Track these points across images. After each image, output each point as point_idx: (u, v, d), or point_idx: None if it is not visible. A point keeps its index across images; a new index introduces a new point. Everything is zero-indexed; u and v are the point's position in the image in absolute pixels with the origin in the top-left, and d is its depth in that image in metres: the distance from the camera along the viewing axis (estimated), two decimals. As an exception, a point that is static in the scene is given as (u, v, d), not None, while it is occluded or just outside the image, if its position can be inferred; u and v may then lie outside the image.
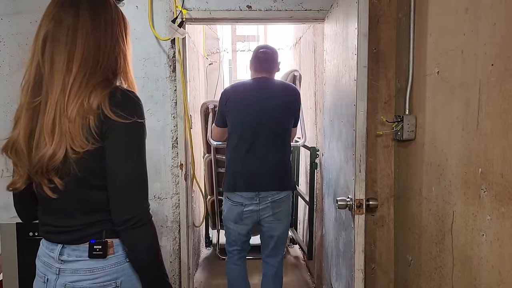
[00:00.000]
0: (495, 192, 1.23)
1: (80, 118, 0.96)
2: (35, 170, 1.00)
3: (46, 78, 0.99)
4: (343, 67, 1.94)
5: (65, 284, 1.05)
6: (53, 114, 0.97)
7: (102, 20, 1.03)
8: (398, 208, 2.09)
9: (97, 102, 0.97)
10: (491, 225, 1.25)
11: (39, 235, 1.16)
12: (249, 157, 2.25)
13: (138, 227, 1.02)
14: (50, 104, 0.97)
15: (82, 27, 1.00)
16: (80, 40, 1.00)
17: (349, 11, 1.82)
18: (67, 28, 1.00)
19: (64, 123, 0.96)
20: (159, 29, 2.33)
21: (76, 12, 1.01)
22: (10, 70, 2.35)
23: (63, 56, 0.98)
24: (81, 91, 0.97)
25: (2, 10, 2.33)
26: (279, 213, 2.30)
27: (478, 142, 1.32)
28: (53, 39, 1.00)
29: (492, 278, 1.25)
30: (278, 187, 2.26)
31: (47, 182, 1.01)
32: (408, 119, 1.83)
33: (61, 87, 0.97)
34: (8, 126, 2.55)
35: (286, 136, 2.31)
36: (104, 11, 1.05)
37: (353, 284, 1.77)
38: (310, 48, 3.29)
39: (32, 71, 1.01)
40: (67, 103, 0.96)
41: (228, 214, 2.35)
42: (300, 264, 3.71)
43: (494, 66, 1.24)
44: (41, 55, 1.00)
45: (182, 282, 2.45)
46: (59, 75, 0.98)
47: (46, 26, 1.03)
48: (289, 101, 2.32)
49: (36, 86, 1.01)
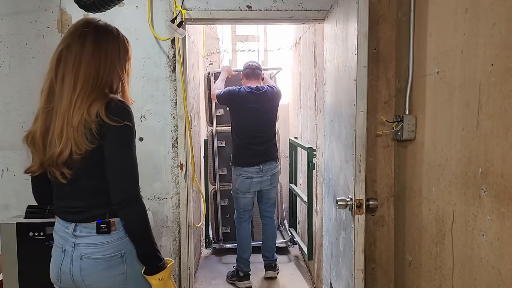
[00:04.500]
0: (495, 192, 1.23)
1: (82, 126, 1.25)
2: (48, 162, 1.30)
3: (57, 91, 1.29)
4: (343, 67, 1.94)
5: (81, 255, 1.33)
6: (61, 123, 1.27)
7: (102, 50, 1.32)
8: (398, 208, 2.09)
9: (95, 111, 1.25)
10: (491, 225, 1.25)
11: (54, 214, 1.47)
12: (255, 144, 3.22)
13: (130, 206, 1.31)
14: (59, 114, 1.27)
15: (85, 55, 1.30)
16: (83, 66, 1.29)
17: (349, 11, 1.82)
18: (75, 55, 1.29)
19: (70, 130, 1.25)
20: (159, 29, 2.33)
21: (83, 43, 1.30)
22: (10, 70, 2.35)
23: (70, 77, 1.28)
24: (83, 105, 1.26)
25: (2, 10, 2.33)
26: (274, 182, 3.35)
27: (478, 142, 1.32)
28: (65, 61, 1.30)
29: (492, 278, 1.25)
30: (272, 159, 3.33)
31: (58, 171, 1.30)
32: (408, 119, 1.83)
33: (68, 101, 1.27)
34: (9, 125, 2.55)
35: (274, 127, 3.39)
36: (105, 43, 1.33)
37: (353, 284, 1.77)
38: (310, 48, 3.29)
39: (47, 83, 1.32)
40: (72, 114, 1.26)
41: (240, 187, 3.26)
42: (300, 264, 3.71)
43: (494, 66, 1.24)
44: (54, 73, 1.30)
45: (182, 282, 2.45)
46: (66, 92, 1.28)
47: (61, 47, 1.32)
48: (277, 101, 3.38)
49: (50, 95, 1.32)
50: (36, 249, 2.00)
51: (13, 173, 2.39)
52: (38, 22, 2.34)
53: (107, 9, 1.97)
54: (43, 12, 2.33)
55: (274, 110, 3.34)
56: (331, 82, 2.24)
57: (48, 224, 2.00)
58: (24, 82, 2.35)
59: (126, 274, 1.36)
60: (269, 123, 3.31)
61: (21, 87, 2.36)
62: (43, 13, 2.33)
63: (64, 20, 2.34)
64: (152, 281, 1.36)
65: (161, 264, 1.37)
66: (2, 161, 2.39)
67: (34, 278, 2.01)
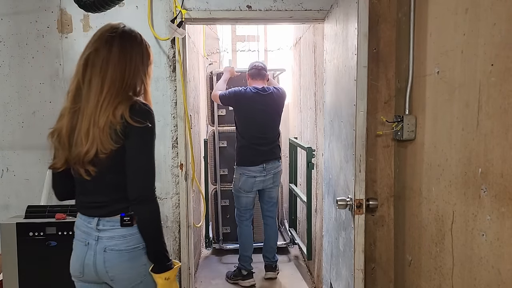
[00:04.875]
0: (495, 192, 1.23)
1: (107, 127, 1.32)
2: (74, 160, 1.37)
3: (84, 93, 1.36)
4: (343, 67, 1.94)
5: (105, 248, 1.39)
6: (88, 123, 1.33)
7: (127, 55, 1.39)
8: (398, 208, 2.09)
9: (120, 113, 1.32)
10: (491, 225, 1.25)
11: (76, 210, 1.50)
12: (260, 145, 3.24)
13: (145, 204, 1.37)
14: (86, 114, 1.34)
15: (112, 59, 1.37)
16: (110, 69, 1.36)
17: (349, 11, 1.82)
18: (102, 59, 1.36)
19: (96, 131, 1.32)
20: (159, 29, 2.33)
21: (110, 48, 1.37)
22: (10, 70, 2.35)
23: (97, 80, 1.35)
24: (109, 107, 1.33)
25: (2, 10, 2.33)
26: (276, 181, 3.37)
27: (478, 142, 1.32)
28: (92, 65, 1.37)
29: (492, 278, 1.25)
30: (275, 158, 3.36)
31: (83, 169, 1.36)
32: (408, 119, 1.83)
33: (95, 103, 1.33)
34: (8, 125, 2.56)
35: (278, 128, 3.40)
36: (130, 49, 1.41)
37: (353, 284, 1.77)
38: (310, 48, 3.29)
39: (74, 84, 1.38)
40: (99, 116, 1.32)
41: (243, 186, 3.26)
42: (300, 264, 3.71)
43: (494, 66, 1.24)
44: (82, 75, 1.37)
45: (182, 282, 2.45)
46: (94, 94, 1.34)
47: (89, 51, 1.39)
48: (282, 103, 3.38)
49: (76, 96, 1.38)
50: (36, 249, 2.00)
51: (13, 173, 2.39)
52: (38, 22, 2.34)
53: (107, 9, 1.97)
54: (43, 12, 2.33)
55: (279, 112, 3.35)
56: (331, 82, 2.24)
57: (48, 224, 2.00)
58: (23, 82, 2.35)
59: (146, 266, 1.42)
60: (273, 124, 3.32)
61: (20, 87, 2.36)
62: (43, 13, 2.33)
63: (64, 20, 2.34)
64: (158, 280, 1.40)
65: (168, 264, 1.42)
66: (1, 161, 2.39)
67: (34, 278, 2.01)
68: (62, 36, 2.35)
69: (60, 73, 2.36)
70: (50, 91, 2.36)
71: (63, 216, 2.02)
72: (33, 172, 2.38)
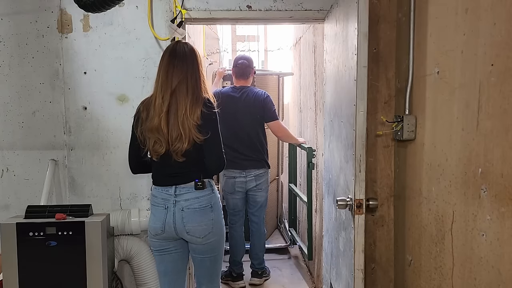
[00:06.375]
0: (495, 192, 1.23)
1: (195, 123, 1.79)
2: (175, 152, 1.81)
3: (175, 98, 1.81)
4: (343, 67, 1.94)
5: (182, 208, 1.86)
6: (182, 123, 1.78)
7: (195, 65, 1.87)
8: (398, 208, 2.09)
9: (200, 109, 1.81)
10: (491, 225, 1.25)
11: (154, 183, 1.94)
12: (234, 150, 3.09)
13: (221, 166, 1.92)
14: (180, 115, 1.79)
15: (188, 70, 1.84)
16: (189, 78, 1.83)
17: (349, 11, 1.82)
18: (181, 71, 1.83)
19: (191, 128, 1.79)
20: (159, 29, 2.33)
21: (185, 62, 1.85)
22: (10, 70, 2.35)
23: (183, 88, 1.82)
24: (194, 107, 1.80)
25: (2, 10, 2.33)
26: (260, 184, 3.21)
27: (478, 142, 1.32)
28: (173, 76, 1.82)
29: (492, 278, 1.25)
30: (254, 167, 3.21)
31: (177, 154, 1.81)
32: (408, 119, 1.83)
33: (184, 106, 1.79)
34: (8, 125, 2.55)
35: (258, 136, 3.20)
36: (196, 60, 1.88)
37: (353, 284, 1.77)
38: (310, 48, 3.29)
39: (162, 92, 1.82)
40: (189, 115, 1.78)
41: (225, 187, 3.22)
42: (300, 264, 3.71)
43: (494, 66, 1.24)
44: (167, 84, 1.82)
45: (182, 282, 2.45)
46: (182, 100, 1.80)
47: (167, 64, 1.85)
48: (258, 106, 3.15)
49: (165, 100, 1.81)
50: (36, 249, 2.00)
51: (13, 173, 2.39)
52: (38, 22, 2.34)
53: (107, 9, 1.97)
54: (43, 12, 2.33)
55: (256, 117, 3.13)
56: (331, 82, 2.24)
57: (48, 224, 2.00)
58: (23, 82, 2.35)
59: (213, 220, 1.89)
60: (248, 129, 3.13)
61: (20, 87, 2.36)
62: (43, 13, 2.33)
63: (64, 20, 2.34)
64: None
65: None
66: (1, 161, 2.38)
67: (34, 278, 2.01)
68: (62, 36, 2.35)
69: (60, 73, 2.36)
70: (50, 91, 2.36)
71: (63, 216, 2.02)
72: (33, 172, 2.38)
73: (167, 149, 1.81)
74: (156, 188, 1.91)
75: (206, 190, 1.87)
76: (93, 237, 2.01)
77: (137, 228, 2.34)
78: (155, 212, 1.89)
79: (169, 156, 1.82)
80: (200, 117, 1.79)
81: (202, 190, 1.86)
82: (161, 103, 1.80)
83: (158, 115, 1.80)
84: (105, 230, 2.07)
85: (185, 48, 1.88)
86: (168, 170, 1.87)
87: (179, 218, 1.84)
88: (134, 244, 2.34)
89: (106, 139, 2.39)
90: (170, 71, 1.82)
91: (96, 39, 2.34)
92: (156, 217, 1.88)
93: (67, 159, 2.40)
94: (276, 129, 3.22)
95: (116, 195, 2.41)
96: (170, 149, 1.81)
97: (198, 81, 1.85)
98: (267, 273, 3.43)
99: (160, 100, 1.81)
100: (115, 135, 2.38)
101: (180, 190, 1.85)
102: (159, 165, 1.89)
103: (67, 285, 2.03)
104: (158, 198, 1.89)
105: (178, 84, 1.81)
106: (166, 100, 1.80)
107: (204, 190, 1.86)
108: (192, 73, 1.83)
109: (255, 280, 3.34)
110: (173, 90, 1.81)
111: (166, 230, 1.87)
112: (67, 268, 2.03)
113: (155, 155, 1.85)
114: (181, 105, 1.79)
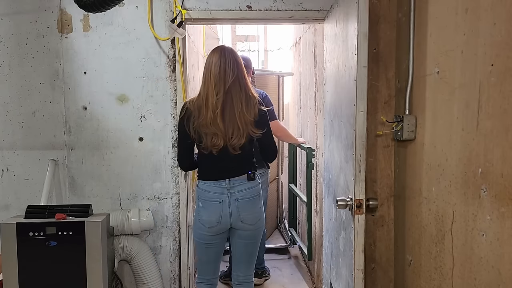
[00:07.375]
0: (495, 192, 1.23)
1: (252, 119, 1.95)
2: (232, 146, 1.95)
3: (230, 96, 1.93)
4: (343, 67, 1.94)
5: (236, 199, 2.00)
6: (239, 122, 1.93)
7: (241, 66, 1.98)
8: (398, 208, 2.09)
9: (257, 107, 1.98)
10: (491, 225, 1.25)
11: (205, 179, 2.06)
12: None
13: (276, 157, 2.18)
14: (236, 112, 1.93)
15: (238, 70, 1.96)
16: (240, 77, 1.96)
17: (349, 11, 1.82)
18: (233, 71, 1.94)
19: (247, 125, 1.95)
20: (159, 29, 2.33)
21: (234, 62, 1.96)
22: (10, 70, 2.35)
23: (235, 89, 1.94)
24: (250, 105, 1.96)
25: (2, 10, 2.33)
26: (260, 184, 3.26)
27: (478, 142, 1.32)
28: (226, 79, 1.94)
29: (492, 278, 1.25)
30: None
31: (237, 148, 1.96)
32: (408, 119, 1.83)
33: (240, 103, 1.94)
34: (8, 125, 2.54)
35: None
36: (241, 62, 2.00)
37: (353, 284, 1.77)
38: (310, 48, 3.29)
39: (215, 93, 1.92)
40: (245, 112, 1.94)
41: None
42: (300, 264, 3.71)
43: (494, 66, 1.24)
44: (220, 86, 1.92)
45: (182, 282, 2.45)
46: (236, 100, 1.93)
47: (220, 64, 1.93)
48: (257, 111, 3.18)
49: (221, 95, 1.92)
50: (36, 249, 2.00)
51: (13, 173, 2.39)
52: (38, 22, 2.34)
53: (107, 9, 1.97)
54: (43, 12, 2.33)
55: None
56: (331, 82, 2.24)
57: (48, 224, 2.00)
58: (23, 82, 2.35)
59: (261, 208, 2.08)
60: None
61: (20, 87, 2.36)
62: (43, 13, 2.33)
63: (64, 20, 2.34)
64: None
65: None
66: (1, 161, 2.39)
67: (34, 278, 2.01)
68: (62, 36, 2.35)
69: (60, 73, 2.36)
70: (50, 91, 2.36)
71: (63, 216, 2.02)
72: (33, 172, 2.39)
73: (225, 143, 1.93)
74: (207, 182, 2.02)
75: (256, 181, 2.04)
76: (93, 237, 2.01)
77: (137, 228, 2.34)
78: (207, 207, 2.00)
79: (225, 150, 1.95)
80: (258, 114, 1.95)
81: (254, 181, 2.03)
82: (216, 101, 1.91)
83: (213, 112, 1.90)
84: (105, 230, 2.07)
85: (231, 50, 2.00)
86: (222, 164, 1.99)
87: (235, 208, 1.99)
88: (134, 244, 2.34)
89: (106, 139, 2.39)
90: (222, 71, 1.91)
91: (96, 39, 2.34)
92: (210, 211, 2.00)
93: (67, 159, 2.40)
94: (275, 129, 3.20)
95: (116, 195, 2.42)
96: (227, 143, 1.93)
97: (247, 81, 1.99)
98: (267, 273, 3.43)
99: (214, 98, 1.91)
100: (115, 135, 2.38)
101: (234, 183, 2.00)
102: (212, 160, 1.99)
103: (67, 285, 2.03)
104: (210, 193, 2.00)
105: (232, 83, 1.92)
106: (221, 97, 1.91)
107: (255, 181, 2.04)
108: (241, 73, 1.96)
109: (255, 280, 3.33)
110: (227, 89, 1.91)
111: (222, 222, 2.00)
112: (67, 268, 2.02)
113: (214, 149, 1.94)
114: (236, 102, 1.92)
